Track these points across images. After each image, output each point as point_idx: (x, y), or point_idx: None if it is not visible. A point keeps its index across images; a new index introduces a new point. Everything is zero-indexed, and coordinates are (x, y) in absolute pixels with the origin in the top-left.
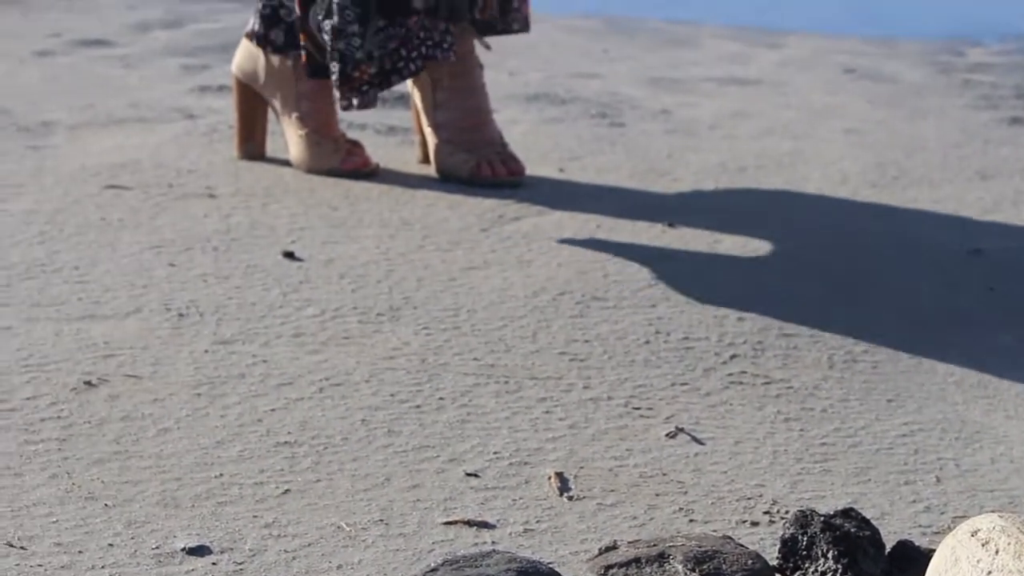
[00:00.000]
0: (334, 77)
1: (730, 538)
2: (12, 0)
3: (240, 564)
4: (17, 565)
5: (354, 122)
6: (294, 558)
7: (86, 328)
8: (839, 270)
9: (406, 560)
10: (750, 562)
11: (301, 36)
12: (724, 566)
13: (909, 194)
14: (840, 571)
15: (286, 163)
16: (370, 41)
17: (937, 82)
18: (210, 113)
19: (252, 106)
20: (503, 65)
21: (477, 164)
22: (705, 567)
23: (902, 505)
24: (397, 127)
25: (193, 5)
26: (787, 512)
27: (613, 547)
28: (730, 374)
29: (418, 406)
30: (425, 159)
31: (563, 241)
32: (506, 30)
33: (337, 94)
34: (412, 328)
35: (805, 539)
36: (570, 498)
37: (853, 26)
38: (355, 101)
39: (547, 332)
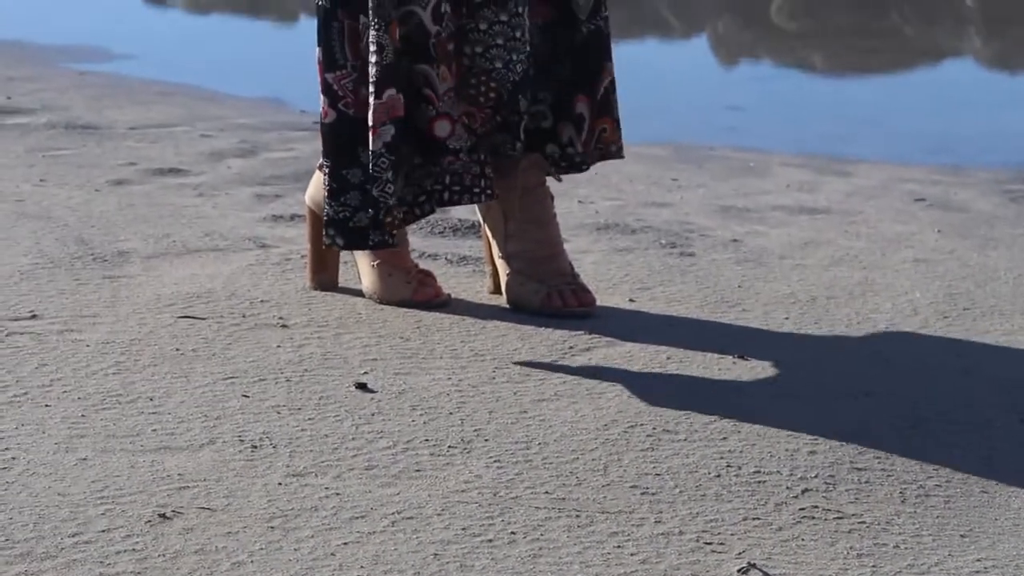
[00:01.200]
0: (367, 221)
1: None
2: (89, 129)
3: None
4: None
5: (426, 252)
6: None
7: (160, 460)
8: (910, 403)
9: None
10: None
11: None
12: None
13: (980, 325)
14: None
15: (358, 293)
16: (402, 184)
17: (1008, 211)
18: (283, 242)
19: None
20: (573, 194)
21: (548, 295)
22: None
23: None
24: (469, 257)
25: (266, 134)
26: None
27: None
28: (802, 508)
29: (490, 540)
30: (496, 290)
31: (634, 373)
32: (607, 157)
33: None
34: (484, 461)
35: None
36: None
37: (922, 155)
38: (374, 241)
39: (618, 465)
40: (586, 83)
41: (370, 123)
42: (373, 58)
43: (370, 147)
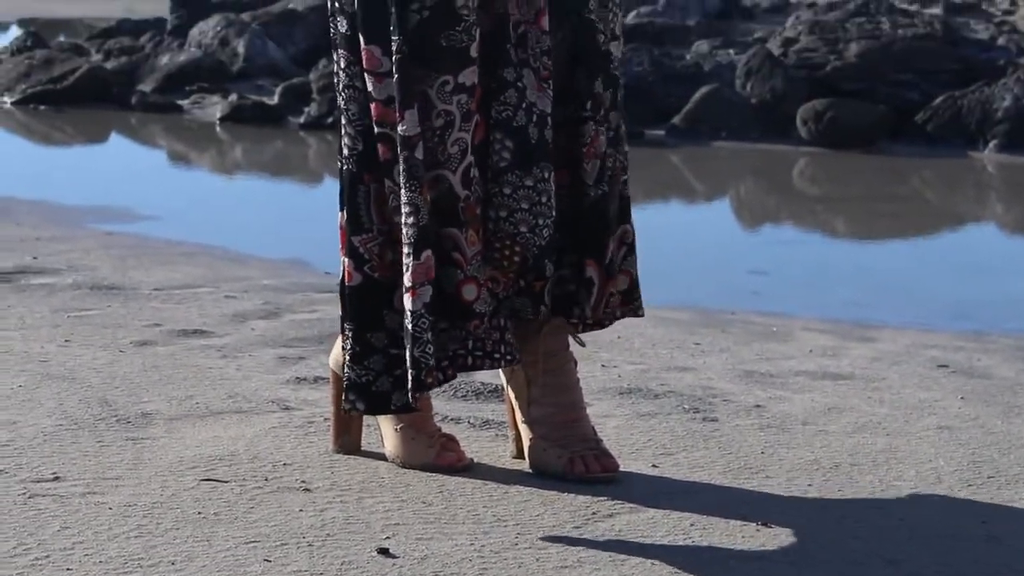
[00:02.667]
0: (409, 385)
1: None
2: (114, 290)
3: None
4: None
5: (448, 416)
6: None
7: None
8: (935, 572)
9: None
10: None
11: None
12: None
13: (1005, 494)
14: None
15: (381, 457)
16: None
17: None
18: (306, 405)
19: None
20: (596, 357)
21: (571, 460)
22: None
23: None
24: (492, 421)
25: (290, 295)
26: None
27: None
28: None
29: None
30: (519, 454)
31: (657, 540)
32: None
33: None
34: None
35: None
36: None
37: (945, 320)
38: (397, 405)
39: None
40: (594, 248)
41: (408, 283)
42: (409, 219)
43: (409, 307)
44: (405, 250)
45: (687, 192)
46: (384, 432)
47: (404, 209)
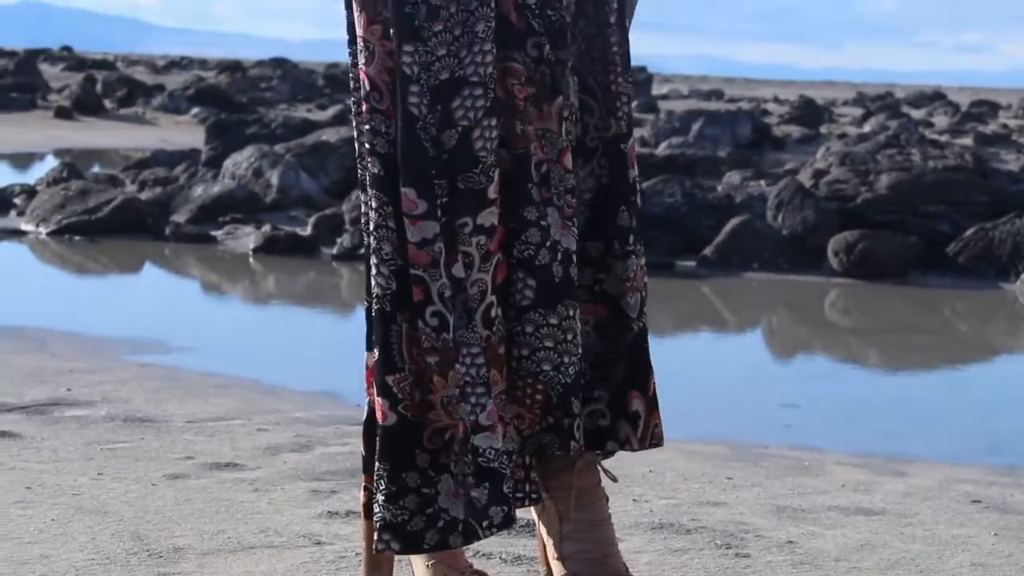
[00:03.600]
0: (423, 525)
1: None
2: (147, 422)
3: None
4: None
5: (480, 551)
6: None
7: None
8: None
9: None
10: None
11: None
12: None
13: None
14: None
15: None
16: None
17: None
18: (338, 540)
19: None
20: (627, 492)
21: None
22: None
23: None
24: (523, 556)
25: (322, 428)
26: None
27: None
28: None
29: None
30: None
31: None
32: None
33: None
34: None
35: None
36: None
37: (978, 455)
38: (430, 543)
39: None
40: (639, 380)
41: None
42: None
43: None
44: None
45: (718, 323)
46: (416, 568)
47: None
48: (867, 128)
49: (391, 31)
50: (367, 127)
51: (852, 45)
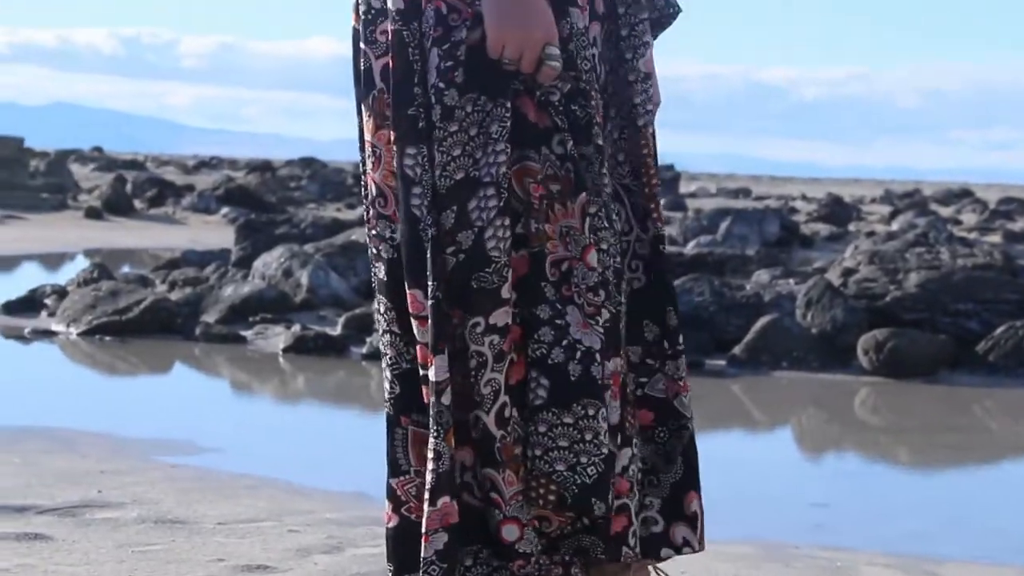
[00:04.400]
0: None
1: None
2: (178, 524)
3: None
4: None
5: None
6: None
7: None
8: None
9: None
10: None
11: None
12: None
13: None
14: None
15: None
16: None
17: None
18: None
19: None
20: None
21: None
22: None
23: None
24: None
25: (353, 529)
26: None
27: None
28: None
29: None
30: None
31: None
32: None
33: None
34: None
35: None
36: None
37: (1011, 554)
38: None
39: None
40: (695, 480)
41: (423, 528)
42: (431, 464)
43: (422, 554)
44: (425, 495)
45: (748, 422)
46: None
47: (428, 454)
48: (895, 226)
49: (393, 134)
50: (373, 232)
51: (879, 142)
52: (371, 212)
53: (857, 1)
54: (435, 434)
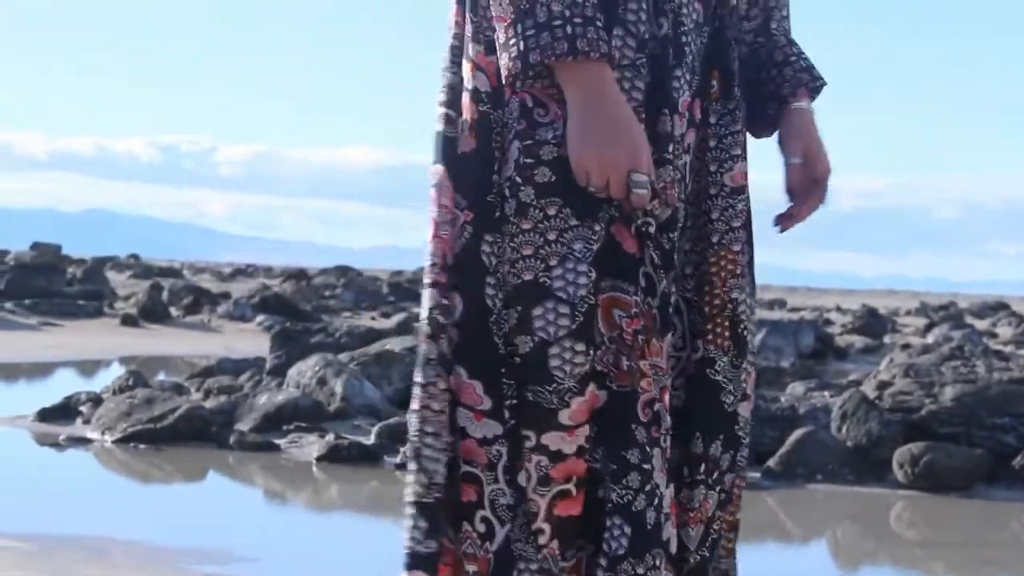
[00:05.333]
0: None
1: None
2: None
3: None
4: None
5: None
6: None
7: None
8: None
9: None
10: None
11: None
12: None
13: None
14: None
15: None
16: None
17: None
18: None
19: None
20: None
21: None
22: None
23: None
24: None
25: None
26: None
27: None
28: None
29: None
30: None
31: None
32: None
33: None
34: None
35: None
36: None
37: None
38: None
39: None
40: None
41: None
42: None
43: None
44: None
45: (783, 535)
46: None
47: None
48: (930, 339)
49: (472, 217)
50: (433, 298)
51: (915, 254)
52: (431, 277)
53: (891, 112)
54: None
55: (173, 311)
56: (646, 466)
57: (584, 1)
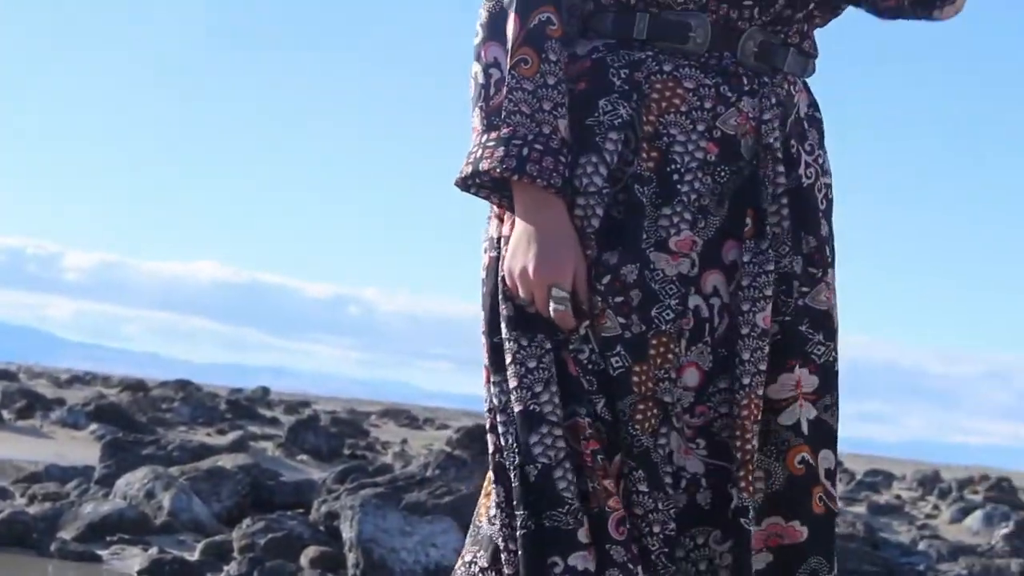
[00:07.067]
0: None
1: None
2: None
3: None
4: None
5: None
6: None
7: None
8: None
9: None
10: None
11: None
12: None
13: None
14: None
15: None
16: None
17: None
18: None
19: None
20: None
21: None
22: None
23: None
24: None
25: None
26: None
27: None
28: None
29: None
30: None
31: None
32: None
33: None
34: None
35: None
36: None
37: None
38: None
39: None
40: None
41: None
42: None
43: None
44: None
45: None
46: None
47: None
48: None
49: (487, 359)
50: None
51: None
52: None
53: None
54: None
55: (5, 414)
56: None
57: (551, 133)
